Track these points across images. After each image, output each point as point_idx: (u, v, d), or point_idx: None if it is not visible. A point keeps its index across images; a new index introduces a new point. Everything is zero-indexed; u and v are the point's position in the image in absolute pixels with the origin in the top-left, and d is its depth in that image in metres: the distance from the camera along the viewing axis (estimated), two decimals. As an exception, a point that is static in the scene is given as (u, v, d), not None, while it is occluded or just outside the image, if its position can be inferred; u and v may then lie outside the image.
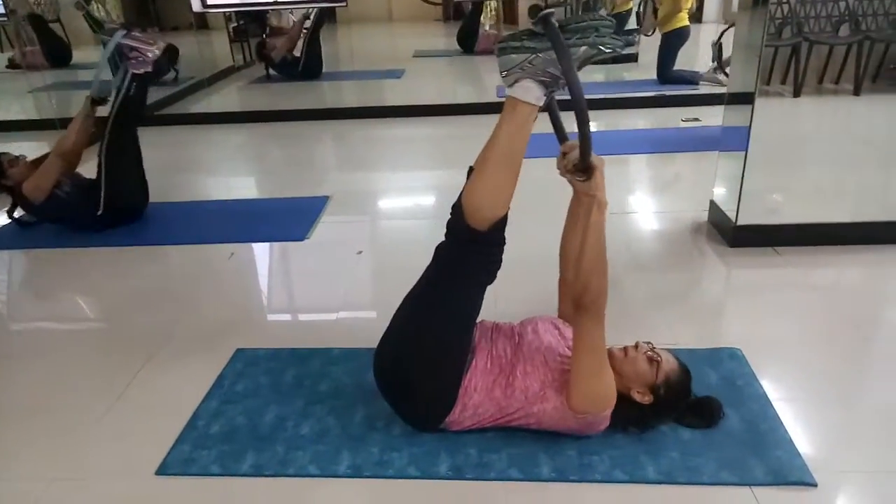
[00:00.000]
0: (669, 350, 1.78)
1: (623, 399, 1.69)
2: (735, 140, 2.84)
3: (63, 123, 4.84)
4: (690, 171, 4.03)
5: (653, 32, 6.67)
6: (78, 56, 6.59)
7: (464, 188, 1.60)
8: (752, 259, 2.75)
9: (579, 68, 1.46)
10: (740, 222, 2.79)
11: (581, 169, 1.60)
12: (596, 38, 1.44)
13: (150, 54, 3.04)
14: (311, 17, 6.95)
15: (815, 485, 1.57)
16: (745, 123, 2.72)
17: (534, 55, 1.46)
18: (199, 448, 1.78)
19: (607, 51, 1.46)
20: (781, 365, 2.06)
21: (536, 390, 1.69)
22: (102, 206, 3.17)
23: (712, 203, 3.06)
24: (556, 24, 1.42)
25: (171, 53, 6.46)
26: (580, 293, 1.57)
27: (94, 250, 3.12)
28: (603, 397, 1.64)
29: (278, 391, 2.00)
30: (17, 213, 3.31)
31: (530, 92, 1.50)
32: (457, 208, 1.60)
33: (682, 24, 5.87)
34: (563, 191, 1.78)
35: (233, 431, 1.84)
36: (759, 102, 2.74)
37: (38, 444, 1.85)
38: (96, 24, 6.05)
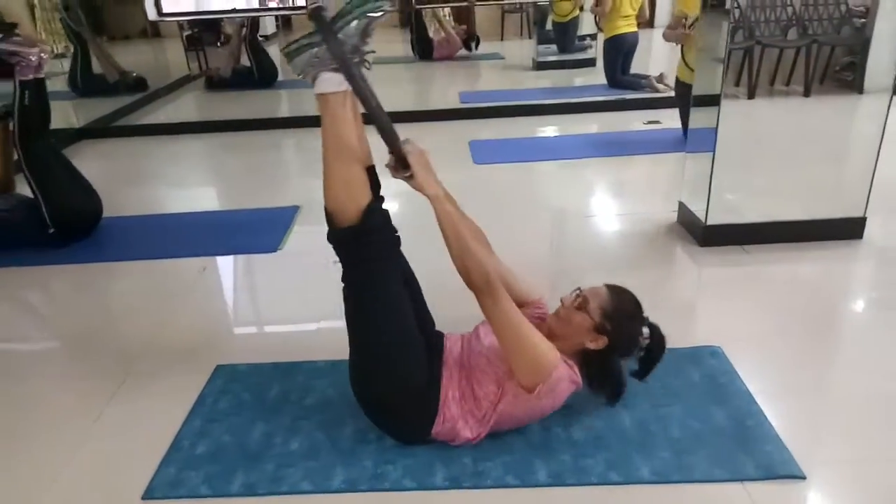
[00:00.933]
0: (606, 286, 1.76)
1: (585, 356, 1.70)
2: (702, 141, 2.91)
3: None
4: (656, 173, 4.12)
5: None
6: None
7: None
8: (722, 258, 2.82)
9: (364, 39, 1.57)
10: (710, 222, 2.85)
11: (395, 166, 1.64)
12: (359, 9, 1.53)
13: (33, 58, 2.87)
14: (245, 24, 6.85)
15: (803, 477, 1.62)
16: (712, 125, 2.79)
17: (316, 48, 1.55)
18: (186, 469, 1.72)
19: (377, 15, 1.55)
20: (759, 360, 2.11)
21: (495, 390, 1.68)
22: (51, 223, 3.03)
23: (681, 204, 3.12)
24: (325, 15, 1.52)
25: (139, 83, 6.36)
26: (467, 280, 1.60)
27: (57, 267, 3.00)
28: (541, 362, 1.60)
29: (263, 407, 1.96)
30: None
31: (330, 82, 1.56)
32: (328, 217, 1.65)
33: (618, 32, 5.90)
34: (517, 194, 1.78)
35: (220, 451, 1.79)
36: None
37: (15, 469, 1.77)
38: (73, 33, 5.87)
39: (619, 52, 5.96)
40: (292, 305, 2.64)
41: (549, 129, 5.23)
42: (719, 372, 2.02)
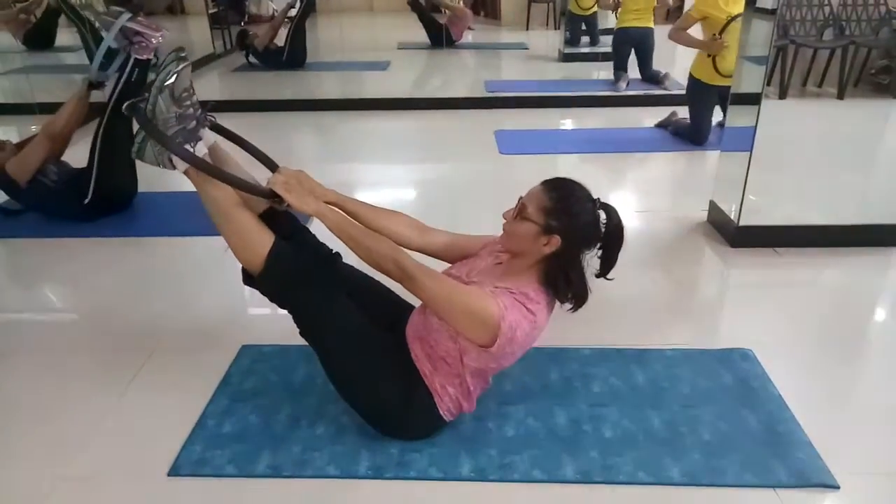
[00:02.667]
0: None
1: (547, 265, 1.60)
2: (738, 140, 2.85)
3: (42, 108, 4.69)
4: (683, 170, 4.07)
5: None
6: (59, 39, 6.38)
7: None
8: (753, 259, 2.77)
9: (184, 97, 1.63)
10: (742, 223, 2.81)
11: (273, 203, 1.71)
12: (157, 81, 1.60)
13: (154, 40, 2.94)
14: (297, 6, 6.82)
15: (837, 487, 1.59)
16: (750, 124, 2.74)
17: (150, 139, 1.63)
18: (212, 448, 1.72)
19: (172, 79, 1.60)
20: (791, 365, 2.08)
21: (454, 346, 1.62)
22: (91, 194, 3.06)
23: (712, 203, 3.08)
24: (140, 107, 1.60)
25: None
26: (386, 274, 1.59)
27: (86, 240, 3.01)
28: (483, 319, 1.52)
29: (290, 389, 1.95)
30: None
31: (181, 162, 1.62)
32: (244, 273, 1.72)
33: (623, 25, 5.75)
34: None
35: (245, 431, 1.79)
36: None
37: (42, 443, 1.78)
38: (72, 11, 5.86)
39: (624, 44, 5.86)
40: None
41: (574, 121, 5.17)
42: (751, 375, 1.99)
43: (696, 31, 4.27)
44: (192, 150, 1.65)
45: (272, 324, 2.42)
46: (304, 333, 1.74)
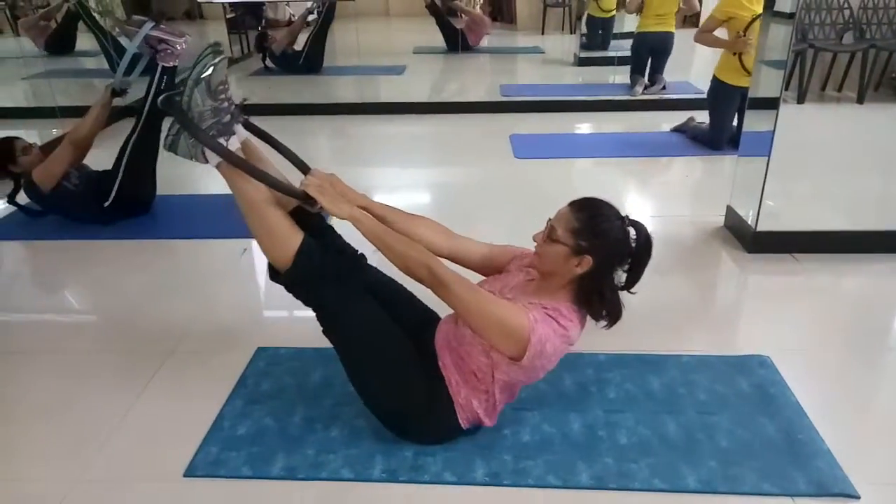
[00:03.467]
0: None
1: (580, 285, 1.59)
2: (756, 145, 2.83)
3: (63, 112, 4.76)
4: (698, 175, 4.04)
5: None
6: (80, 44, 6.48)
7: None
8: (771, 265, 2.75)
9: (220, 91, 1.62)
10: (760, 228, 2.78)
11: (305, 204, 1.69)
12: (194, 76, 1.58)
13: (178, 47, 2.98)
14: (318, 12, 6.85)
15: (857, 497, 1.57)
16: (768, 128, 2.71)
17: (183, 132, 1.62)
18: (228, 449, 1.73)
19: (209, 72, 1.59)
20: (809, 373, 2.05)
21: (486, 361, 1.62)
22: (112, 198, 3.10)
23: (729, 208, 3.05)
24: (175, 100, 1.58)
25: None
26: (418, 281, 1.59)
27: (104, 242, 3.05)
28: (514, 330, 1.52)
29: (305, 392, 1.96)
30: (21, 201, 3.22)
31: (213, 156, 1.63)
32: (270, 269, 1.72)
33: (642, 30, 5.69)
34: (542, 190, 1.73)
35: (261, 433, 1.80)
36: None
37: (59, 443, 1.80)
38: (89, 18, 5.95)
39: (641, 49, 5.81)
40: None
41: (589, 125, 5.16)
42: (769, 382, 1.97)
43: (720, 33, 4.23)
44: (225, 144, 1.63)
45: (288, 326, 2.44)
46: (327, 332, 1.72)
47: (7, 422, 1.90)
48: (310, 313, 2.52)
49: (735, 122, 4.25)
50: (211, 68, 1.59)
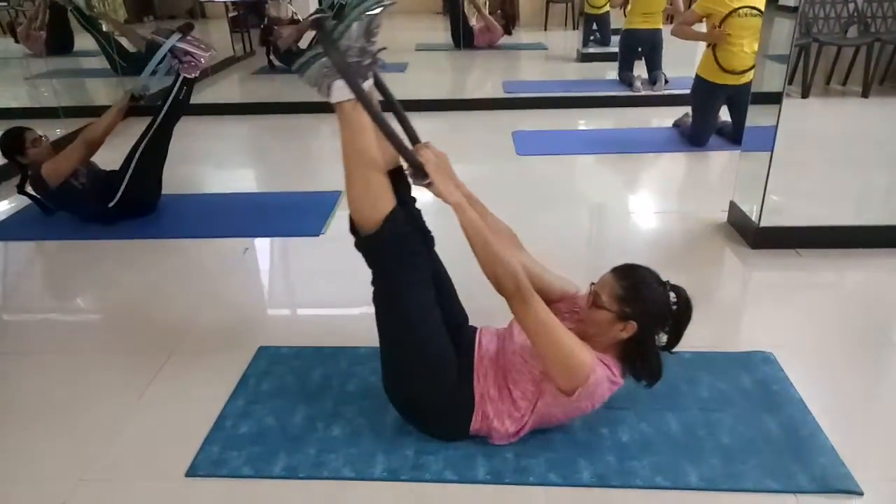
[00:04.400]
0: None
1: (624, 347, 1.63)
2: (758, 140, 2.81)
3: (67, 112, 4.77)
4: (702, 171, 4.02)
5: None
6: (79, 43, 6.48)
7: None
8: (774, 261, 2.73)
9: (370, 39, 1.52)
10: (763, 224, 2.77)
11: (414, 175, 1.60)
12: (357, 9, 1.48)
13: (202, 60, 3.04)
14: (332, 8, 6.84)
15: (861, 493, 1.56)
16: (771, 123, 2.69)
17: (323, 58, 1.51)
18: (229, 449, 1.73)
19: (376, 11, 1.49)
20: (813, 369, 2.04)
21: (533, 389, 1.65)
22: (118, 199, 3.12)
23: (732, 204, 3.04)
24: (326, 22, 1.49)
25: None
26: (497, 287, 1.56)
27: (105, 243, 3.05)
28: (577, 367, 1.55)
29: (306, 391, 1.96)
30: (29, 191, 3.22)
31: (343, 91, 1.53)
32: (351, 224, 1.64)
33: (630, 27, 5.70)
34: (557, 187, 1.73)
35: (262, 432, 1.80)
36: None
37: (61, 443, 1.80)
38: (86, 20, 5.96)
39: (630, 46, 5.80)
40: (334, 290, 2.64)
41: (591, 121, 5.14)
42: (772, 378, 1.96)
43: (700, 28, 4.22)
44: None
45: (289, 325, 2.45)
46: (378, 302, 1.69)
47: (9, 422, 1.90)
48: (311, 311, 2.56)
49: (730, 119, 4.25)
50: (379, 8, 1.51)
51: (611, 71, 6.42)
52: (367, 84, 1.57)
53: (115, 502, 1.61)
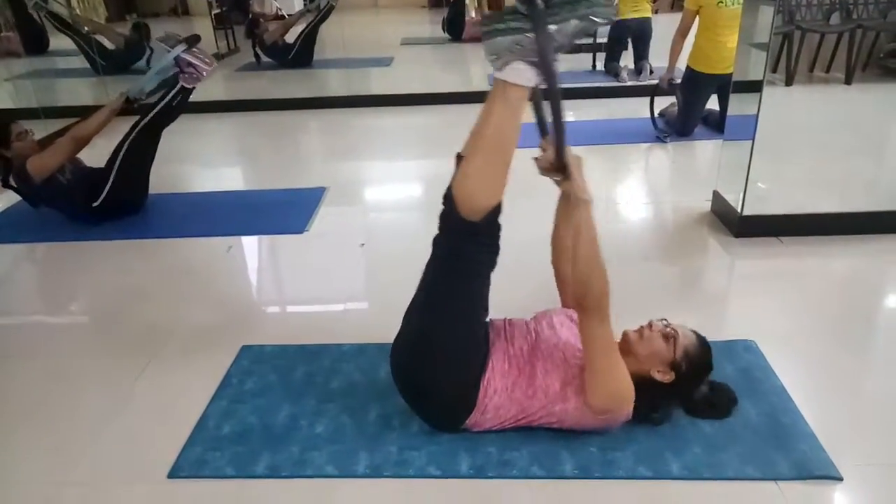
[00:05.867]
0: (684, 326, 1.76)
1: (644, 382, 1.66)
2: (741, 129, 2.82)
3: (47, 113, 4.73)
4: (687, 161, 4.03)
5: None
6: (54, 43, 6.42)
7: (454, 177, 1.55)
8: (757, 249, 2.74)
9: (572, 41, 1.42)
10: (746, 212, 2.78)
11: (557, 168, 1.57)
12: (587, 9, 1.38)
13: (204, 73, 3.04)
14: (317, 9, 6.79)
15: (840, 479, 1.57)
16: (752, 112, 2.70)
17: (522, 35, 1.39)
18: (212, 449, 1.73)
19: (600, 21, 1.41)
20: (795, 356, 2.05)
21: (557, 389, 1.66)
22: (102, 199, 3.09)
23: (716, 193, 3.04)
24: (540, 2, 1.37)
25: (144, 31, 6.33)
26: (582, 295, 1.53)
27: (87, 244, 3.03)
28: (622, 394, 1.62)
29: (289, 389, 1.95)
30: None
31: (522, 74, 1.42)
32: (448, 199, 1.54)
33: (620, 17, 5.62)
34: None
35: (245, 432, 1.79)
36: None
37: (43, 446, 1.79)
38: (61, 23, 5.89)
39: (619, 36, 5.80)
40: (318, 287, 2.64)
41: (577, 112, 5.13)
42: (754, 367, 1.97)
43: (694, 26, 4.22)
44: None
45: (273, 323, 2.44)
46: (437, 280, 1.63)
47: (-10, 427, 1.89)
48: (295, 309, 2.55)
49: (718, 108, 4.26)
50: (605, 20, 1.42)
51: (598, 61, 6.43)
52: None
53: (97, 505, 1.60)
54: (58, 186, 3.08)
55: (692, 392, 1.75)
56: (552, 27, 1.37)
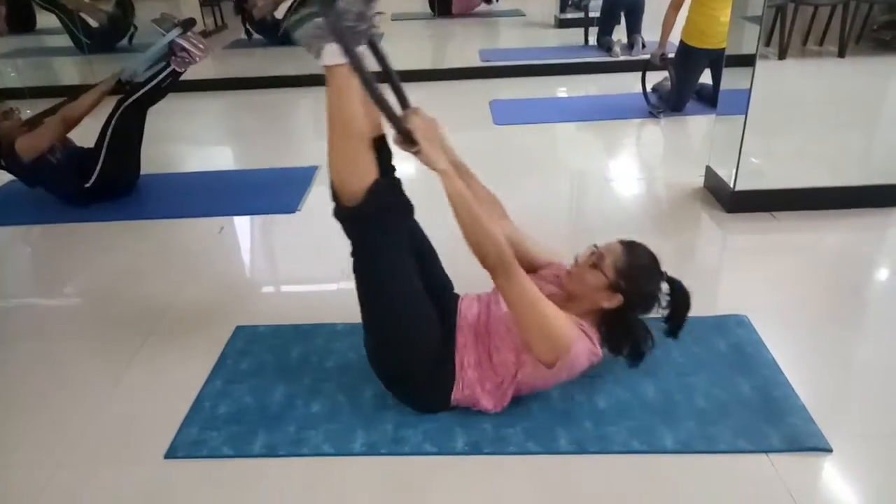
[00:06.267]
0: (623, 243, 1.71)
1: (603, 316, 1.66)
2: (733, 103, 2.81)
3: (32, 93, 4.66)
4: (680, 136, 4.02)
5: None
6: (42, 21, 6.30)
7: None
8: (750, 224, 2.75)
9: (369, 4, 1.46)
10: (738, 188, 2.78)
11: (400, 140, 1.56)
12: None
13: (197, 58, 3.02)
14: None
15: (830, 450, 1.59)
16: (745, 86, 2.69)
17: (318, 18, 1.45)
18: (208, 429, 1.73)
19: None
20: (787, 330, 2.07)
21: (513, 359, 1.65)
22: (94, 180, 3.06)
23: (708, 168, 3.04)
24: None
25: (128, 8, 6.21)
26: (482, 259, 1.54)
27: (80, 225, 3.00)
28: (560, 337, 1.56)
29: (284, 369, 1.96)
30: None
31: (333, 54, 1.47)
32: (332, 193, 1.60)
33: None
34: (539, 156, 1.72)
35: (241, 412, 1.79)
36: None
37: (39, 429, 1.79)
38: (47, 1, 5.77)
39: (612, 9, 5.75)
40: (311, 267, 2.63)
41: (569, 88, 5.11)
42: (746, 341, 1.98)
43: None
44: None
45: (266, 304, 2.43)
46: (359, 271, 1.66)
47: (-15, 410, 1.89)
48: (288, 289, 2.55)
49: (711, 83, 4.24)
50: None
51: (589, 36, 6.36)
52: (360, 49, 1.50)
53: (95, 487, 1.60)
54: (48, 167, 3.04)
55: (651, 296, 1.68)
56: (339, 3, 1.41)
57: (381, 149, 1.67)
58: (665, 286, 1.70)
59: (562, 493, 1.54)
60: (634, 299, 1.66)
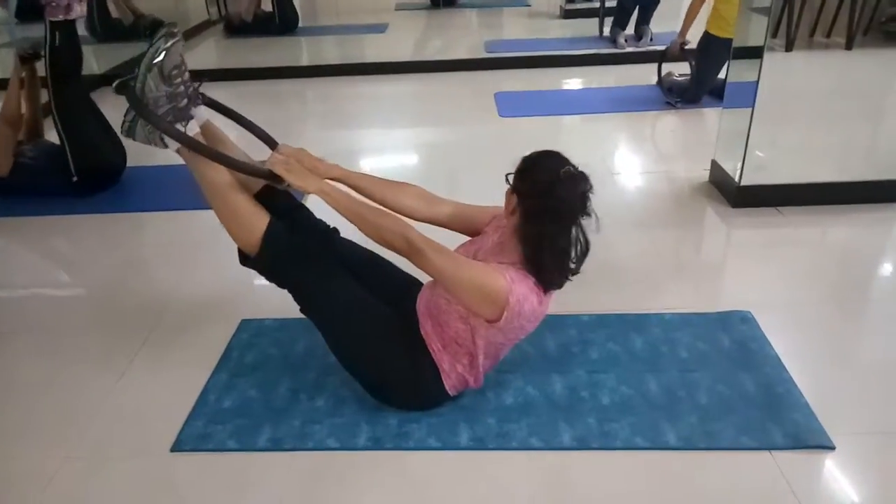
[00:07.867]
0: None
1: (522, 245, 1.55)
2: (740, 96, 2.79)
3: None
4: (686, 130, 4.00)
5: None
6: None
7: None
8: (755, 219, 2.74)
9: (174, 75, 1.64)
10: (744, 182, 2.77)
11: (271, 183, 1.68)
12: (146, 58, 1.60)
13: (68, 1, 2.80)
14: None
15: (833, 448, 1.59)
16: (752, 78, 2.67)
17: (139, 118, 1.64)
18: (214, 423, 1.75)
19: (161, 57, 1.60)
20: (791, 327, 2.07)
21: (464, 327, 1.63)
22: (75, 171, 3.03)
23: (714, 163, 3.03)
24: (131, 85, 1.60)
25: (155, 26, 6.16)
26: (392, 250, 1.58)
27: (81, 217, 3.01)
28: (493, 291, 1.51)
29: (289, 363, 1.97)
30: None
31: (172, 141, 1.65)
32: (239, 251, 1.72)
33: None
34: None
35: (246, 405, 1.81)
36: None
37: (46, 422, 1.81)
38: None
39: (626, 3, 5.71)
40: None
41: (575, 80, 5.08)
42: (749, 338, 1.98)
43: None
44: (183, 129, 1.64)
45: (271, 297, 2.40)
46: (304, 311, 1.75)
47: (-7, 402, 1.90)
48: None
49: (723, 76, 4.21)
50: (163, 53, 1.58)
51: (595, 27, 6.33)
52: (194, 121, 1.72)
53: (102, 479, 1.62)
54: (28, 170, 3.00)
55: (547, 198, 1.51)
56: (148, 97, 1.59)
57: (275, 192, 1.74)
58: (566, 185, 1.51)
59: (565, 489, 1.55)
60: (530, 204, 1.52)
